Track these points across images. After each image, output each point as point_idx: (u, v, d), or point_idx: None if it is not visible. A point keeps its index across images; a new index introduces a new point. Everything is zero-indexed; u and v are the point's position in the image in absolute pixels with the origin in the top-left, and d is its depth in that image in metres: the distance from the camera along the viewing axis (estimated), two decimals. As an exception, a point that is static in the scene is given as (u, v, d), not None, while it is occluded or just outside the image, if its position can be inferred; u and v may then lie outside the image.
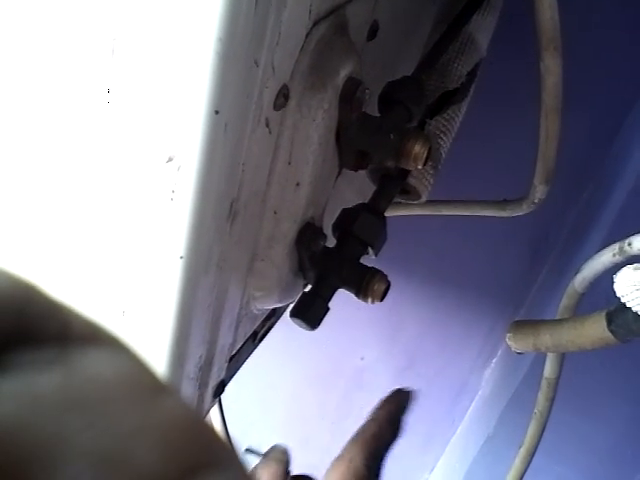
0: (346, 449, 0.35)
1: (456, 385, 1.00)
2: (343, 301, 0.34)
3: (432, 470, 1.08)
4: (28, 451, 0.09)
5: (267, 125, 0.27)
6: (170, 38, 0.21)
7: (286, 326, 0.42)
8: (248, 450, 0.38)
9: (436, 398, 1.00)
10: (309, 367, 1.04)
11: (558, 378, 0.57)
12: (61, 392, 0.09)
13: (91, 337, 0.11)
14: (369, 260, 0.35)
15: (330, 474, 0.34)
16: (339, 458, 0.35)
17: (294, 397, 1.06)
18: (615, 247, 0.43)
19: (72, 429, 0.09)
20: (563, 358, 0.56)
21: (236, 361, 0.37)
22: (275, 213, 0.31)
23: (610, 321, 0.38)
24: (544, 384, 0.58)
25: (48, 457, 0.09)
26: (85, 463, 0.09)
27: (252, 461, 0.38)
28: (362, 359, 1.02)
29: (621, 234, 0.44)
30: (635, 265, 0.37)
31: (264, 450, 0.38)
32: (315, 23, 0.28)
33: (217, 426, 0.66)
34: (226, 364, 0.34)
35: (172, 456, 0.10)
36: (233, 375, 0.37)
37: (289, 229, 0.32)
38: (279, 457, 0.36)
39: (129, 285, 0.27)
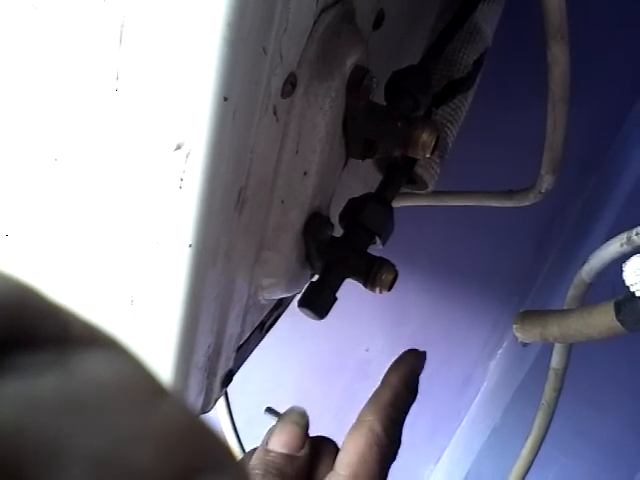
0: (363, 417, 0.34)
1: (461, 376, 1.00)
2: (347, 292, 0.34)
3: (437, 461, 1.08)
4: (26, 453, 0.09)
5: (275, 113, 0.27)
6: (178, 24, 0.21)
7: (290, 317, 0.42)
8: (268, 409, 0.37)
9: (441, 389, 1.00)
10: (313, 358, 1.04)
11: (565, 369, 0.57)
12: (59, 394, 0.09)
13: (90, 339, 0.11)
14: (373, 250, 0.35)
15: (349, 443, 0.33)
16: (357, 427, 0.34)
17: (298, 388, 1.06)
18: (623, 237, 0.43)
19: (70, 431, 0.09)
20: (570, 349, 0.56)
21: (244, 351, 0.37)
22: (282, 202, 0.31)
23: (619, 310, 0.38)
24: (551, 375, 0.58)
25: (46, 459, 0.09)
26: (83, 465, 0.09)
27: (270, 421, 0.37)
28: (367, 350, 1.02)
29: (627, 224, 0.44)
30: (643, 254, 0.37)
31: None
32: (322, 11, 0.28)
33: (223, 416, 0.66)
34: (234, 354, 0.34)
35: (170, 459, 0.10)
36: (241, 365, 0.37)
37: (296, 218, 0.32)
38: (297, 420, 0.35)
39: (137, 274, 0.27)
